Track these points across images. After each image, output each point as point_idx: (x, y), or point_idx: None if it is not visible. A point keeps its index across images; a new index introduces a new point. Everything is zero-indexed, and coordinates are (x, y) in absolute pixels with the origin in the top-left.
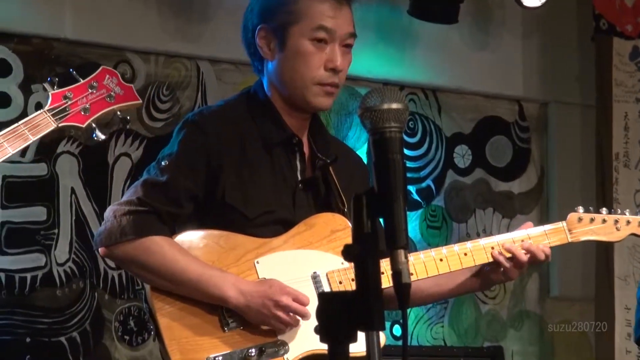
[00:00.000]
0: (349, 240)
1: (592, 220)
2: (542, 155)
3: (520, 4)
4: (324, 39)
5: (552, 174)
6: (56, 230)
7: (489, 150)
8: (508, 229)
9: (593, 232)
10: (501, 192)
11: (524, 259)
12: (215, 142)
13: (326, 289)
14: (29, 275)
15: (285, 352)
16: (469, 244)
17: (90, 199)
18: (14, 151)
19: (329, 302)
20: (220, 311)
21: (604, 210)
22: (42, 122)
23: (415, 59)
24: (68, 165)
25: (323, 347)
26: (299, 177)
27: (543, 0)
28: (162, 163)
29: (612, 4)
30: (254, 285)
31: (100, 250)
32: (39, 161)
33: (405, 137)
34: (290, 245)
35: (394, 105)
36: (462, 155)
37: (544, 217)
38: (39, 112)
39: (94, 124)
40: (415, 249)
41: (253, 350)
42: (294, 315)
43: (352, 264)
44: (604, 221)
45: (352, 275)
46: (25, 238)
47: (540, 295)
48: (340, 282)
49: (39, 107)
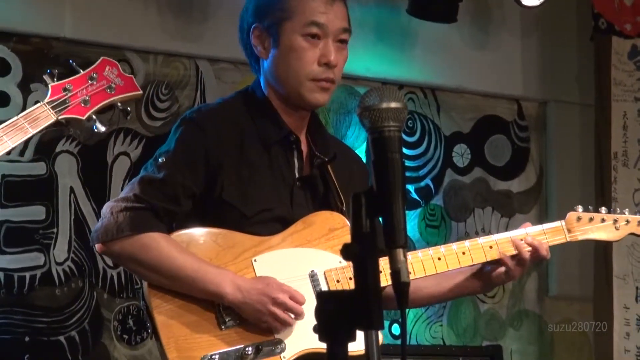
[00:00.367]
0: (347, 238)
1: (591, 219)
2: (541, 154)
3: (519, 3)
4: (317, 35)
5: (551, 173)
6: (55, 230)
7: (488, 149)
8: (507, 228)
9: (592, 231)
10: (500, 191)
11: (527, 255)
12: (213, 140)
13: (324, 287)
14: (27, 275)
15: (282, 350)
16: (467, 242)
17: (89, 198)
18: (13, 145)
19: (328, 301)
20: (217, 309)
21: (603, 209)
22: (42, 114)
23: (414, 58)
24: (67, 165)
25: (320, 346)
26: (297, 175)
27: None
28: (160, 160)
29: (611, 3)
30: (251, 282)
31: (97, 246)
32: (37, 160)
33: (404, 136)
34: (288, 243)
35: (393, 104)
36: (461, 154)
37: (542, 216)
38: (38, 105)
39: (94, 116)
40: (414, 248)
41: (250, 348)
42: (289, 313)
43: (351, 263)
44: (603, 220)
45: (350, 274)
46: (24, 237)
47: (539, 294)
48: (337, 281)
49: None
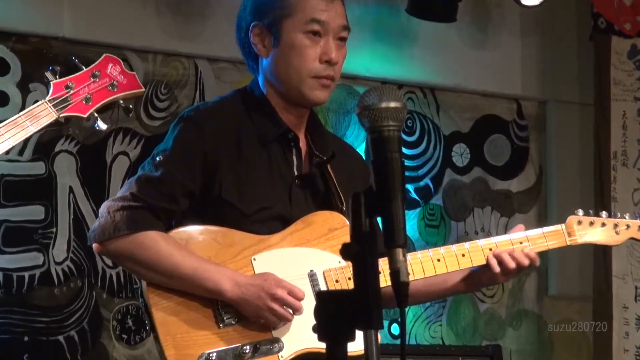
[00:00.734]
0: (346, 238)
1: (592, 223)
2: (540, 154)
3: (519, 2)
4: (318, 32)
5: (550, 173)
6: (54, 229)
7: (487, 149)
8: (506, 227)
9: (592, 235)
10: (499, 190)
11: (512, 265)
12: (211, 138)
13: (322, 287)
14: (26, 274)
15: (280, 349)
16: (467, 244)
17: (88, 197)
18: (14, 142)
19: (327, 301)
20: (215, 307)
21: (604, 213)
22: (43, 112)
23: (414, 58)
24: (66, 164)
25: (318, 345)
26: (295, 173)
27: None
28: (157, 158)
29: (610, 2)
30: (250, 278)
31: (94, 246)
32: (37, 160)
33: (404, 136)
34: (287, 242)
35: (392, 104)
36: (461, 154)
37: (542, 216)
38: (39, 103)
39: (95, 114)
40: (414, 248)
41: (247, 347)
42: (288, 309)
43: (350, 263)
44: (604, 225)
45: (349, 274)
46: (23, 237)
47: (538, 294)
48: (337, 281)
49: None
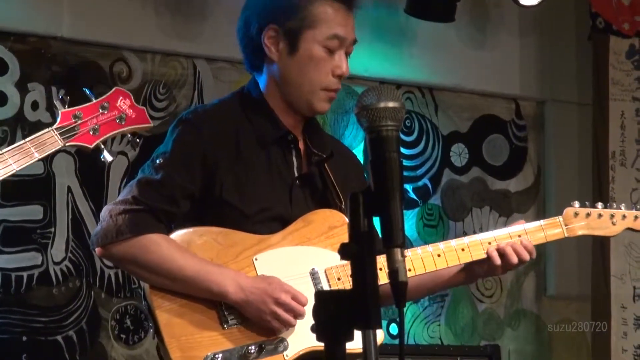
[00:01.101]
0: (346, 236)
1: (588, 215)
2: (538, 153)
3: (517, 2)
4: (335, 47)
5: (548, 173)
6: (52, 229)
7: (486, 148)
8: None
9: (589, 226)
10: (498, 190)
11: (514, 259)
12: (210, 140)
13: (325, 285)
14: (25, 274)
15: (285, 348)
16: (466, 239)
17: (86, 197)
18: (18, 168)
19: (326, 301)
20: (219, 308)
21: (600, 204)
22: (49, 140)
23: (412, 58)
24: (64, 164)
25: (322, 344)
26: (295, 174)
27: None
28: (157, 161)
29: (608, 2)
30: (254, 281)
31: (97, 250)
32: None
33: (402, 136)
34: (288, 241)
35: (391, 104)
36: (459, 153)
37: (540, 216)
38: (46, 130)
39: (102, 145)
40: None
41: (252, 347)
42: (291, 314)
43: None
44: (600, 216)
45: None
46: (21, 237)
47: (536, 294)
48: (338, 279)
49: (35, 106)
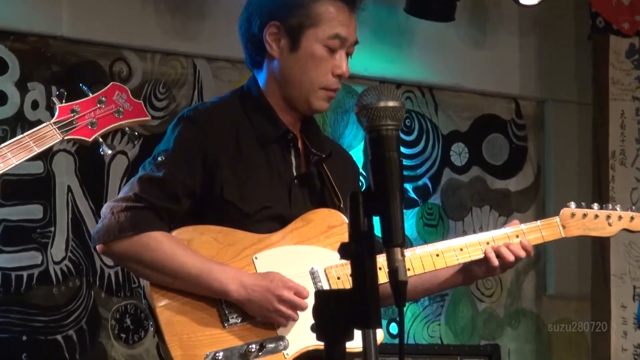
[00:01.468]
0: (346, 235)
1: (585, 215)
2: (538, 153)
3: (517, 2)
4: (337, 47)
5: (548, 172)
6: (52, 229)
7: (486, 148)
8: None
9: (586, 227)
10: (498, 190)
11: (510, 258)
12: (211, 138)
13: (324, 284)
14: (25, 274)
15: (285, 347)
16: (464, 239)
17: (86, 197)
18: (17, 162)
19: (326, 300)
20: (220, 306)
21: (596, 205)
22: (48, 134)
23: (412, 57)
24: (64, 164)
25: (322, 343)
26: (295, 173)
27: None
28: (159, 159)
29: (608, 2)
30: (255, 279)
31: (99, 247)
32: (35, 159)
33: (402, 135)
34: (288, 240)
35: (391, 103)
36: (459, 153)
37: (540, 215)
38: (45, 125)
39: (100, 139)
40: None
41: (253, 345)
42: (294, 310)
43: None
44: (597, 217)
45: (350, 271)
46: (21, 236)
47: (536, 293)
48: (338, 278)
49: (35, 105)
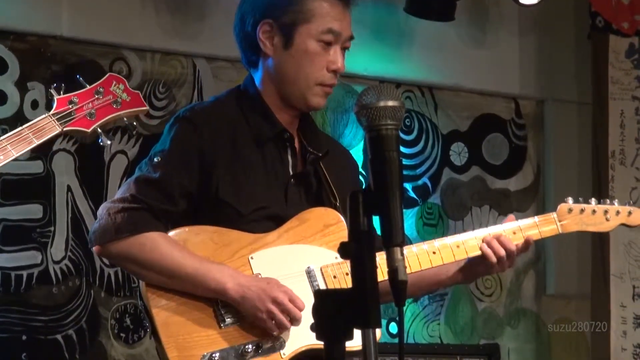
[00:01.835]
0: (342, 234)
1: (582, 210)
2: (538, 152)
3: (517, 1)
4: (331, 41)
5: (548, 172)
6: (52, 228)
7: (485, 147)
8: None
9: (583, 222)
10: (497, 189)
11: (501, 252)
12: (207, 138)
13: (321, 283)
14: (25, 273)
15: (281, 347)
16: (461, 236)
17: (86, 196)
18: (17, 154)
19: (325, 300)
20: (215, 307)
21: (593, 200)
22: (47, 125)
23: (412, 57)
24: (64, 163)
25: (319, 343)
26: (291, 172)
27: None
28: (155, 160)
29: (608, 1)
30: (252, 279)
31: (95, 248)
32: (35, 159)
33: (402, 135)
34: (284, 240)
35: (390, 103)
36: (459, 152)
37: (540, 215)
38: (43, 116)
39: (99, 129)
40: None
41: (250, 346)
42: (286, 316)
43: (348, 260)
44: (594, 212)
45: (346, 270)
46: (21, 236)
47: (536, 292)
48: (334, 277)
49: (35, 105)
